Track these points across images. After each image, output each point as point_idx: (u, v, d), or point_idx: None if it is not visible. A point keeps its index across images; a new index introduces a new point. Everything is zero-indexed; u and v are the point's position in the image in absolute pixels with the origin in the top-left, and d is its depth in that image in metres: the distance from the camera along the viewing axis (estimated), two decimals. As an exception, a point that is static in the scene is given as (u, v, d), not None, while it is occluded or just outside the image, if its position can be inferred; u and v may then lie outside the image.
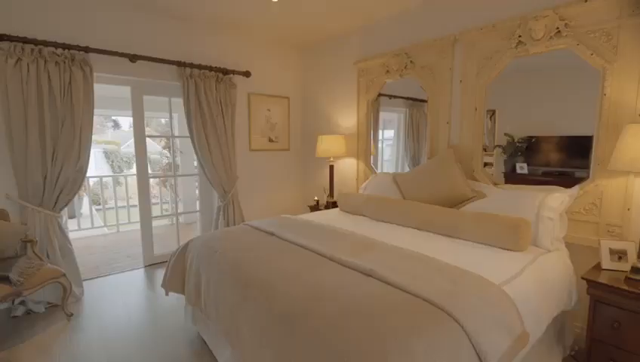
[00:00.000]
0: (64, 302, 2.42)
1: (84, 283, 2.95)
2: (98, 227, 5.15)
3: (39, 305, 2.51)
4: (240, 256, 1.76)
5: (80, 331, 2.30)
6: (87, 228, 5.12)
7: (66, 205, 2.71)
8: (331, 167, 3.57)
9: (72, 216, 5.82)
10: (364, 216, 2.68)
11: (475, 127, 2.56)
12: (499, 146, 2.57)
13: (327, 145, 3.44)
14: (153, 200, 6.13)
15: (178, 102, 3.35)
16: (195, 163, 3.79)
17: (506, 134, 2.52)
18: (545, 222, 1.90)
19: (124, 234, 5.01)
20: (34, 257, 2.43)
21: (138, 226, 3.41)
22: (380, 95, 3.30)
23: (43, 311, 2.51)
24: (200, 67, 3.28)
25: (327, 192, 3.65)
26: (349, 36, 3.55)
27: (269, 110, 4.00)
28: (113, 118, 11.87)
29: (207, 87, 3.32)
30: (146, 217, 3.37)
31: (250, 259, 1.70)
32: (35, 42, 2.47)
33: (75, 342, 2.17)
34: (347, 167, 3.70)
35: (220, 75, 3.42)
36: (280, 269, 1.56)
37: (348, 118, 3.64)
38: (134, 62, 2.98)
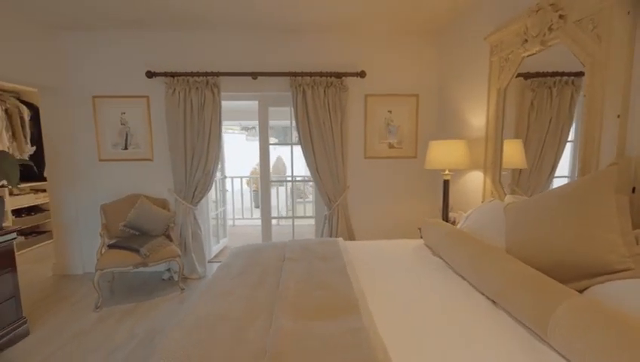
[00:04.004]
0: (179, 278, 3.06)
1: (214, 265, 3.62)
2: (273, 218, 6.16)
3: (176, 275, 3.30)
4: (219, 277, 1.63)
5: (182, 302, 2.84)
6: (256, 218, 6.25)
7: (200, 200, 3.41)
8: (446, 183, 2.71)
9: (257, 206, 7.35)
10: (441, 258, 1.87)
11: (675, 123, 1.23)
12: None
13: (440, 153, 2.62)
14: (299, 200, 6.76)
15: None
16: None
17: None
18: None
19: (275, 227, 5.70)
20: (172, 239, 3.20)
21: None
22: (557, 74, 2.15)
23: (176, 280, 3.27)
24: (311, 74, 3.28)
25: (442, 214, 2.80)
26: (479, 4, 2.56)
27: (389, 111, 3.50)
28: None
29: (315, 94, 3.28)
30: (266, 216, 3.76)
31: (217, 285, 1.54)
32: (184, 74, 3.23)
33: (172, 311, 2.70)
34: (472, 183, 2.71)
35: (332, 78, 3.29)
36: (212, 309, 1.31)
37: (478, 117, 2.64)
38: (255, 78, 3.34)
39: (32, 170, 2.90)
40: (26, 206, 4.21)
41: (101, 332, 2.38)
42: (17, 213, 4.15)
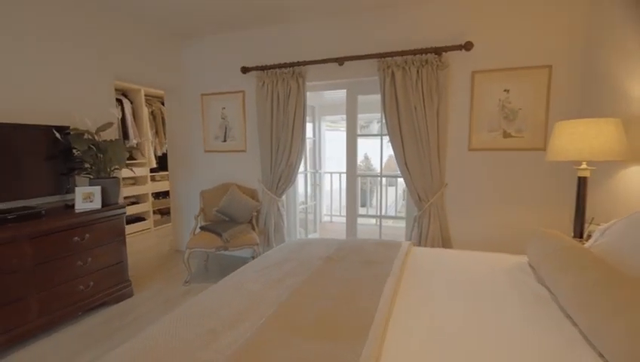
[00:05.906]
0: (257, 266, 3.10)
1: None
2: (363, 215, 5.84)
3: (259, 263, 3.39)
4: (247, 268, 1.48)
5: (257, 292, 2.87)
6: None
7: (283, 192, 3.41)
8: (582, 181, 1.89)
9: (363, 205, 7.10)
10: (544, 286, 1.24)
11: None
12: None
13: (572, 137, 1.84)
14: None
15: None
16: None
17: None
18: None
19: (372, 226, 5.31)
20: (255, 227, 3.30)
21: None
22: None
23: (259, 268, 3.36)
24: (402, 53, 2.85)
25: (573, 226, 1.97)
26: None
27: (506, 91, 2.73)
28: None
29: (406, 76, 2.84)
30: (351, 213, 3.50)
31: (235, 277, 1.39)
32: (272, 67, 3.28)
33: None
34: (630, 183, 1.81)
35: (427, 55, 2.78)
36: (209, 301, 1.16)
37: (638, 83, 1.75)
38: (342, 64, 3.13)
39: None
40: (163, 190, 5.12)
41: (182, 304, 2.58)
42: (156, 195, 5.10)
